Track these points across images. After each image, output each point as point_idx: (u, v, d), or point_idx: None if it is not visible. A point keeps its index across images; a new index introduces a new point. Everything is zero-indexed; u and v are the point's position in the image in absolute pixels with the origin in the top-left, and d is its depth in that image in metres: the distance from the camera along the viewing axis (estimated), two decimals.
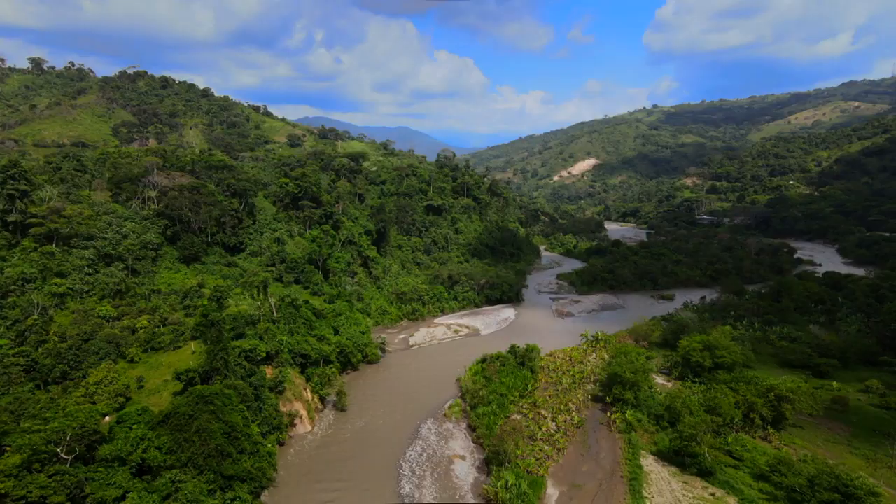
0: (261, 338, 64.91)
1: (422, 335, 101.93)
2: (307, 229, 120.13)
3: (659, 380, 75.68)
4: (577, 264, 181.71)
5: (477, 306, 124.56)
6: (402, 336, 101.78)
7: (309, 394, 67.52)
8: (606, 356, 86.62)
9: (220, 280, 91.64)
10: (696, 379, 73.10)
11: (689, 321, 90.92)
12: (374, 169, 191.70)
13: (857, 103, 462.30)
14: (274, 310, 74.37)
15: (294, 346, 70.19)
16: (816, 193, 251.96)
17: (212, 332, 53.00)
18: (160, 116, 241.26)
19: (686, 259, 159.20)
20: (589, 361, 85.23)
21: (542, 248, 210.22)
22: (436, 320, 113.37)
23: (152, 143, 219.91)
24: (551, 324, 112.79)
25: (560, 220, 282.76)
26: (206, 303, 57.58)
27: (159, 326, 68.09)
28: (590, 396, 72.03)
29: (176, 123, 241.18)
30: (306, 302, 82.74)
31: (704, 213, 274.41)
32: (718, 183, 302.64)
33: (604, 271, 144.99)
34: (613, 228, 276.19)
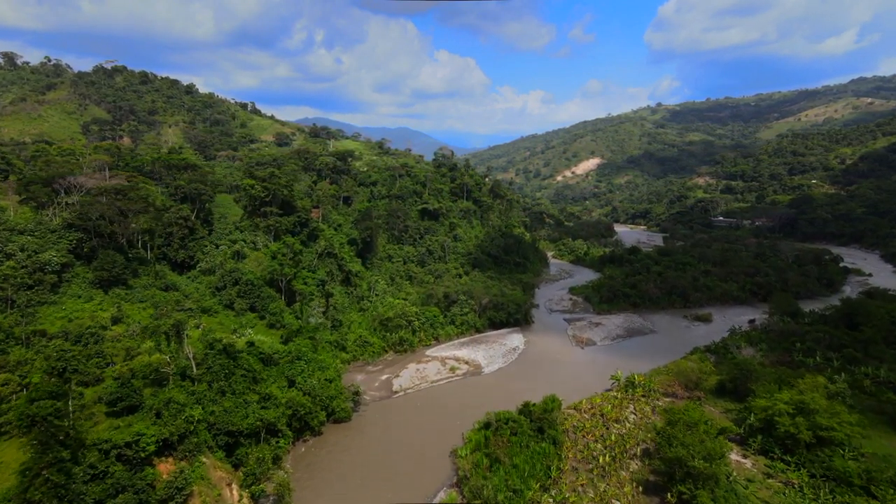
0: (158, 414, 42.68)
1: (409, 375, 79.48)
2: (274, 240, 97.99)
3: (734, 455, 53.23)
4: (589, 274, 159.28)
5: (478, 331, 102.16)
6: (384, 377, 79.34)
7: (234, 492, 45.21)
8: (649, 411, 64.31)
9: (151, 310, 69.53)
10: (789, 457, 50.67)
11: (754, 362, 68.20)
12: (364, 169, 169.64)
13: (869, 99, 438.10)
14: (193, 364, 51.91)
15: (219, 418, 47.93)
16: (843, 193, 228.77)
17: (37, 433, 30.91)
18: (137, 114, 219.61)
19: (715, 269, 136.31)
20: (628, 419, 62.77)
21: (549, 254, 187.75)
22: (428, 352, 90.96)
23: (126, 141, 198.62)
24: (569, 355, 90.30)
25: (566, 223, 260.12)
26: (36, 379, 35.43)
27: (21, 390, 45.87)
28: (639, 487, 49.61)
29: (154, 121, 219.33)
30: (250, 345, 60.29)
31: (720, 214, 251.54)
32: (733, 182, 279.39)
33: (624, 285, 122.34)
34: (623, 231, 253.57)
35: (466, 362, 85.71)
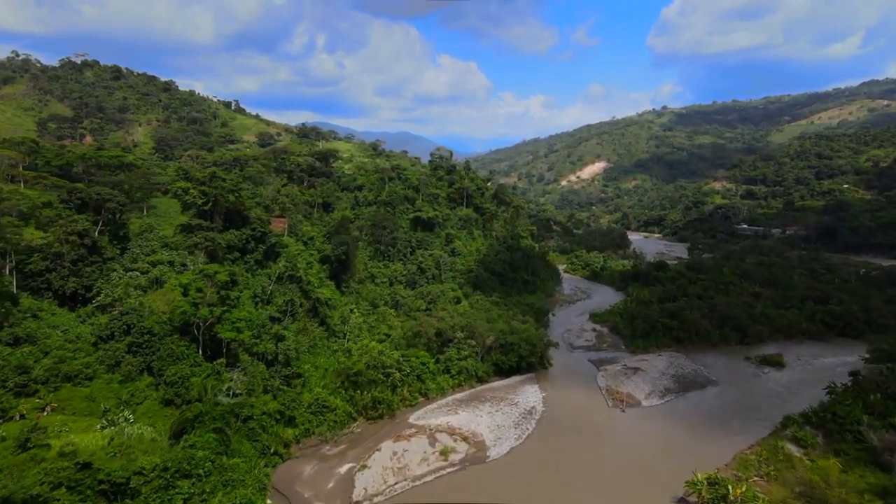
0: None
1: (381, 465, 52.96)
2: (211, 261, 71.91)
3: None
4: (609, 293, 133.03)
5: (481, 380, 75.64)
6: (344, 468, 52.82)
7: None
8: None
9: None
10: None
11: None
12: (349, 172, 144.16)
13: (885, 102, 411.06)
14: None
15: None
16: (882, 198, 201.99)
17: None
18: (106, 111, 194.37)
19: (766, 291, 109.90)
20: None
21: (560, 268, 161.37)
22: (413, 417, 64.49)
23: (88, 140, 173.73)
24: (607, 423, 63.67)
25: (575, 231, 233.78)
26: None
27: None
28: None
29: (124, 119, 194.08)
30: (84, 467, 33.85)
31: (744, 221, 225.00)
32: (754, 187, 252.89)
33: (662, 314, 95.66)
34: (637, 239, 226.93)
35: (465, 438, 59.18)
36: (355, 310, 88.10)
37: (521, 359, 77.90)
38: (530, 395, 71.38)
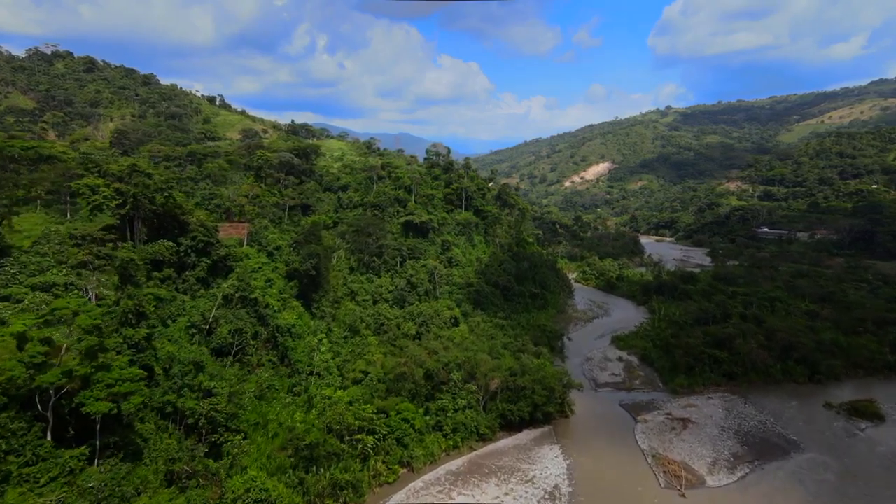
0: None
1: None
2: (121, 283, 52.28)
3: None
4: (628, 308, 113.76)
5: (483, 438, 55.93)
6: None
7: None
8: None
9: None
10: None
11: None
12: (334, 170, 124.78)
13: None
14: None
15: None
16: None
17: None
18: (75, 105, 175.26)
19: (822, 309, 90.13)
20: None
21: (570, 276, 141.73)
22: None
23: (50, 136, 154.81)
24: None
25: (582, 235, 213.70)
26: None
27: None
28: None
29: (94, 114, 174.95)
30: None
31: (764, 224, 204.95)
32: (772, 188, 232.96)
33: (705, 342, 75.74)
34: (648, 244, 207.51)
35: None
36: (325, 340, 68.44)
37: (535, 408, 58.26)
38: (550, 463, 51.68)
